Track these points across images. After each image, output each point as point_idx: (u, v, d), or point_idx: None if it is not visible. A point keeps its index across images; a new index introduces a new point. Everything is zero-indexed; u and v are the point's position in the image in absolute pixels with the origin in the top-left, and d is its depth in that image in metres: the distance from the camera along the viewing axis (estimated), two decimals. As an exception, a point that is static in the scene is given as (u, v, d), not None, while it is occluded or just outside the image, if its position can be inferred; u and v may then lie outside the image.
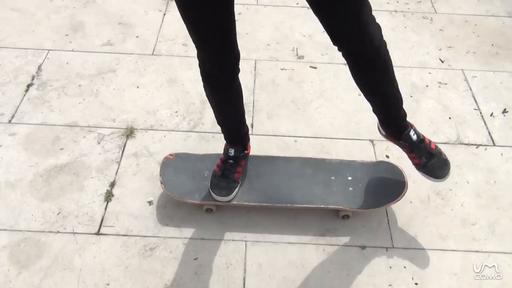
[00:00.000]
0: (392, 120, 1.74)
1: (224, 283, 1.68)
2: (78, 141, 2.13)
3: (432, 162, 1.71)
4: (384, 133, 1.81)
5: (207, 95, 1.72)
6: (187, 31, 1.49)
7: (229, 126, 1.86)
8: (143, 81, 2.46)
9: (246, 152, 1.89)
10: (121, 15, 2.88)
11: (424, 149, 1.72)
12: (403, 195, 1.84)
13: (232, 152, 1.84)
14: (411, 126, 1.73)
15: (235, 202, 1.82)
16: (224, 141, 1.90)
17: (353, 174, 1.92)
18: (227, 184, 1.81)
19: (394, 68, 2.60)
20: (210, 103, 1.77)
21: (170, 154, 1.96)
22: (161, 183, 1.86)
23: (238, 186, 1.85)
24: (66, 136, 2.15)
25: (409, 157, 1.76)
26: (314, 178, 1.91)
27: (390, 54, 1.53)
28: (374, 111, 1.73)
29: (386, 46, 1.51)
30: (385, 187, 1.88)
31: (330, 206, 1.83)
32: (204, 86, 1.68)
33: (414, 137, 1.71)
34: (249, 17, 2.90)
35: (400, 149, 1.77)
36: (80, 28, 2.77)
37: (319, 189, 1.87)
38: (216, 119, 1.84)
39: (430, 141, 1.75)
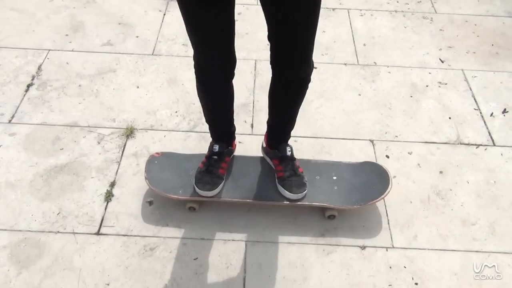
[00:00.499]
0: (282, 134, 1.89)
1: (224, 283, 1.68)
2: (78, 141, 2.14)
3: (292, 179, 1.82)
4: (264, 145, 1.95)
5: (199, 95, 1.74)
6: (186, 31, 1.49)
7: (217, 125, 1.88)
8: (143, 81, 2.46)
9: (230, 148, 1.90)
10: (121, 15, 2.88)
11: (291, 167, 1.85)
12: (387, 193, 1.84)
13: (216, 148, 1.85)
14: (290, 145, 1.89)
15: (220, 198, 1.82)
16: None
17: (338, 174, 1.93)
18: (211, 179, 1.82)
19: (395, 68, 2.63)
20: (201, 102, 1.78)
21: (156, 153, 1.97)
22: (146, 178, 1.86)
23: (223, 182, 1.85)
24: (66, 136, 2.15)
25: (275, 169, 1.88)
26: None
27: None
28: (272, 125, 1.86)
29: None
30: (370, 185, 1.88)
31: (314, 204, 1.83)
32: (197, 87, 1.70)
33: (288, 153, 1.86)
34: (249, 17, 2.90)
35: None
36: (80, 28, 2.77)
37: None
38: (205, 117, 1.86)
39: (299, 166, 1.89)
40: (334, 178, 1.91)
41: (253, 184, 1.89)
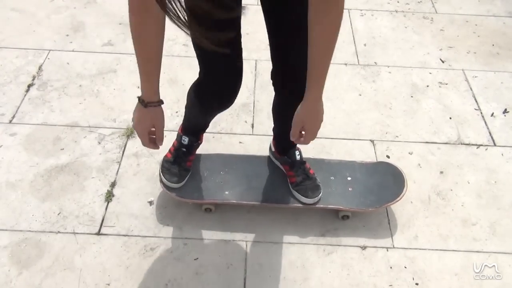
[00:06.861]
0: (288, 141, 1.83)
1: (225, 283, 1.68)
2: (78, 141, 2.14)
3: (306, 183, 1.83)
4: (273, 150, 1.95)
5: (191, 105, 1.72)
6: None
7: (197, 125, 1.86)
8: (144, 81, 2.45)
9: (199, 142, 1.89)
10: (122, 15, 2.88)
11: (303, 170, 1.85)
12: (403, 195, 1.84)
13: (186, 140, 1.85)
14: (299, 149, 1.87)
15: (234, 201, 1.82)
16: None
17: (353, 175, 1.92)
18: (179, 171, 1.84)
19: (396, 68, 2.62)
20: (191, 109, 1.76)
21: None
22: (161, 182, 1.86)
23: (189, 175, 1.86)
24: (66, 136, 2.16)
25: (288, 175, 1.88)
26: (314, 178, 1.91)
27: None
28: (278, 134, 1.87)
29: None
30: (385, 187, 1.88)
31: (329, 206, 1.83)
32: (193, 102, 1.68)
33: (298, 157, 1.85)
34: (249, 17, 2.89)
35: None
36: (80, 28, 2.77)
37: (319, 189, 1.87)
38: (186, 115, 1.82)
39: (310, 168, 1.88)
40: (349, 178, 1.91)
41: (267, 185, 1.88)
